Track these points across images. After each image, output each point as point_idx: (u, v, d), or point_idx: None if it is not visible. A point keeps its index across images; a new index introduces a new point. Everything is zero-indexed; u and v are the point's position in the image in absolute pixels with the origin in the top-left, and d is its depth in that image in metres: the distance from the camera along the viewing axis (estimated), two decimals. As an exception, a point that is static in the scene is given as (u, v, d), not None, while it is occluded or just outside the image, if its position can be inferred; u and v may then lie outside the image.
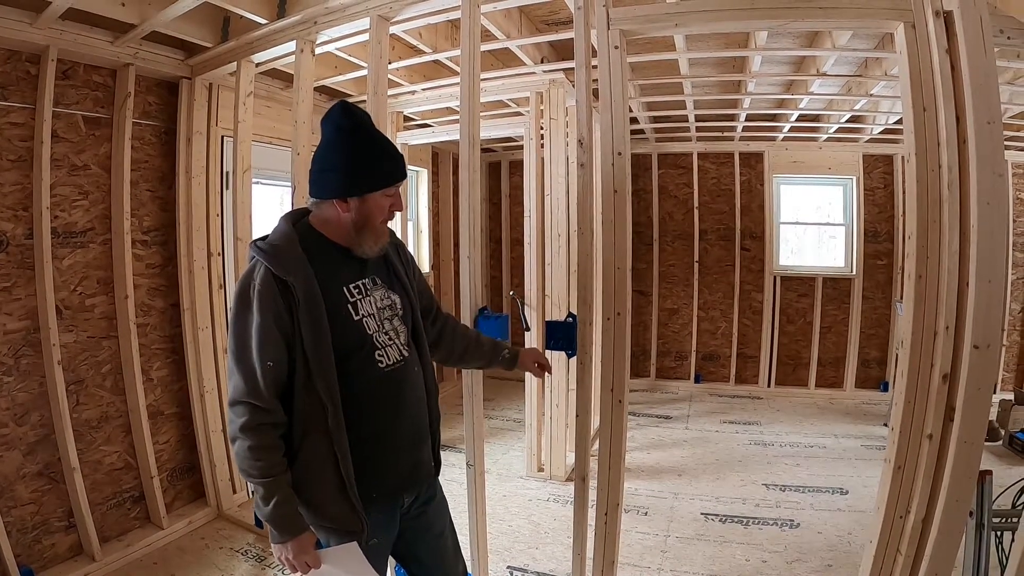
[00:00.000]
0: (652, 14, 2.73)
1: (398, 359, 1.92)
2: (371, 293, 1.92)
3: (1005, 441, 5.43)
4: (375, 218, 1.86)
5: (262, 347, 1.70)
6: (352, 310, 1.85)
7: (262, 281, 1.72)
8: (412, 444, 1.98)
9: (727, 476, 4.98)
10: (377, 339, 1.88)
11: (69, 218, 3.49)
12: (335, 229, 1.88)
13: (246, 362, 1.71)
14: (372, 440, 1.85)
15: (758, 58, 4.34)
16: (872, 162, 7.18)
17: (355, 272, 1.91)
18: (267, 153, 4.47)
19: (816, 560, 3.65)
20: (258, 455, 1.69)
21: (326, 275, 1.81)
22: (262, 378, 1.69)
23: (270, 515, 1.70)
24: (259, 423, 1.70)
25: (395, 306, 1.97)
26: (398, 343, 1.94)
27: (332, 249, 1.88)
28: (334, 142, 1.83)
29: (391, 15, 3.03)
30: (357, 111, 1.88)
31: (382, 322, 1.91)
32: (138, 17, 3.29)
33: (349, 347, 1.81)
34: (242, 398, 1.70)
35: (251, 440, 1.69)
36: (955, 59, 2.35)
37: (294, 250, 1.78)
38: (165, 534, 3.81)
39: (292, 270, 1.73)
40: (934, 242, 2.44)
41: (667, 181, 7.73)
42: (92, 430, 3.60)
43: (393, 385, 1.90)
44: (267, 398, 1.71)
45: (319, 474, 1.78)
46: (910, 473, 2.53)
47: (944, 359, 2.41)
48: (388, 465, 1.90)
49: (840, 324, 7.33)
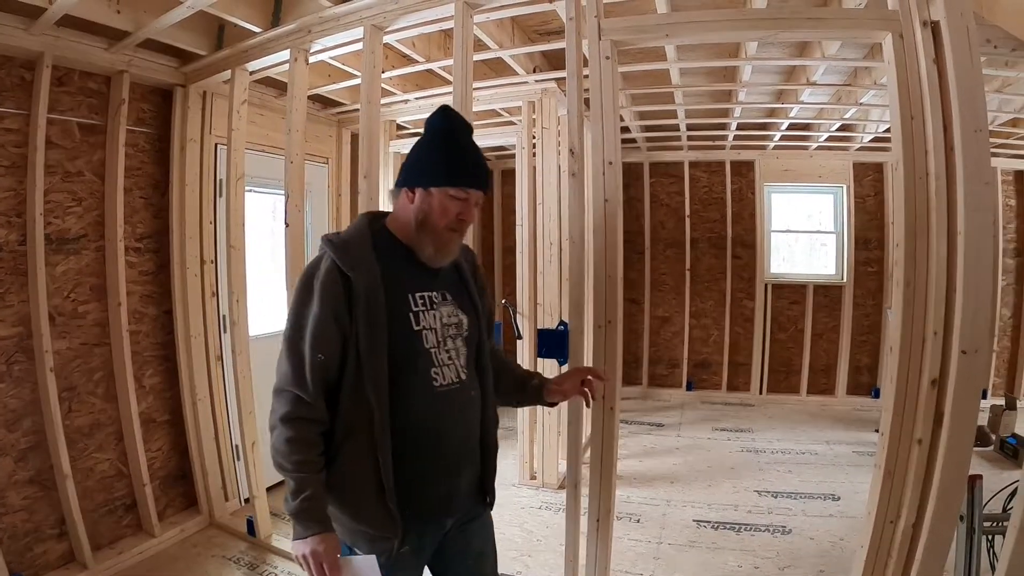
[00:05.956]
0: (643, 25, 2.76)
1: (454, 380, 1.82)
2: (438, 307, 1.84)
3: (996, 446, 5.47)
4: (436, 218, 1.78)
5: (316, 339, 1.66)
6: (413, 319, 1.77)
7: (326, 273, 1.68)
8: (453, 471, 1.85)
9: (719, 483, 4.99)
10: (436, 356, 1.79)
11: (62, 224, 3.49)
12: (402, 225, 1.84)
13: (298, 352, 1.67)
14: (411, 457, 1.74)
15: (748, 68, 4.38)
16: (862, 170, 7.24)
17: (424, 282, 1.84)
18: (261, 161, 4.48)
19: (808, 566, 3.67)
20: (295, 448, 1.64)
21: (392, 277, 1.75)
22: (310, 371, 1.65)
23: (296, 508, 1.63)
24: (300, 416, 1.66)
25: (462, 325, 1.88)
26: (457, 364, 1.84)
27: (401, 251, 1.83)
28: (423, 139, 1.85)
29: (385, 24, 3.06)
30: (455, 116, 1.89)
31: (444, 339, 1.82)
32: (133, 25, 3.29)
33: (402, 356, 1.73)
34: (287, 387, 1.67)
35: (289, 431, 1.64)
36: (942, 68, 2.37)
37: (364, 247, 1.74)
38: (157, 542, 3.79)
39: (357, 266, 1.69)
40: (922, 249, 2.46)
41: (659, 190, 7.77)
42: (84, 437, 3.59)
43: (445, 405, 1.80)
44: (312, 392, 1.66)
45: (358, 477, 1.71)
46: (900, 478, 2.54)
47: (933, 364, 2.43)
48: (424, 485, 1.79)
49: (831, 331, 7.36)
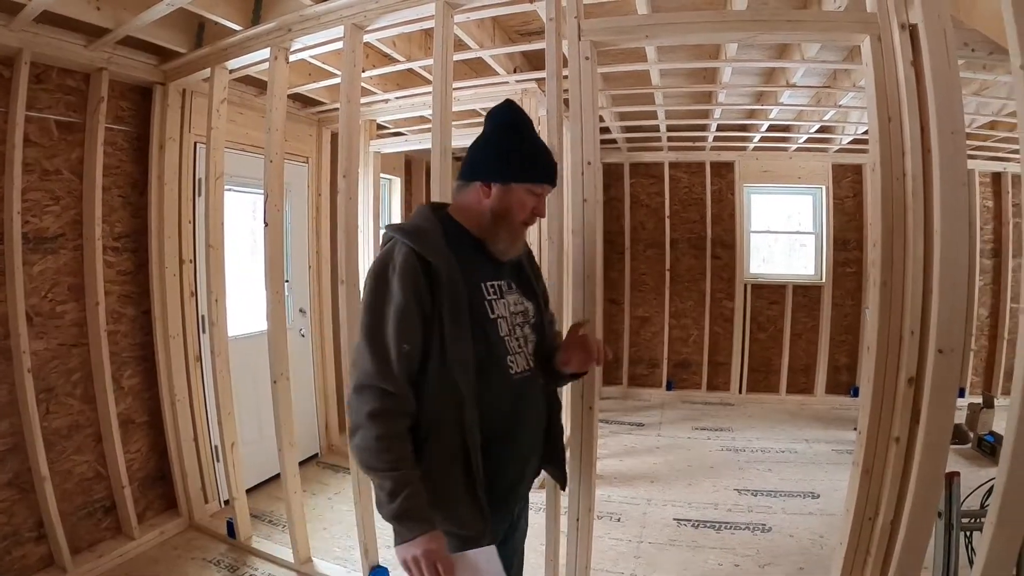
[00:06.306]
0: (623, 26, 2.78)
1: (526, 368, 1.83)
2: (506, 295, 1.84)
3: (974, 444, 5.55)
4: (515, 213, 1.79)
5: (399, 329, 1.60)
6: (488, 307, 1.77)
7: (404, 260, 1.63)
8: (527, 456, 1.89)
9: (700, 482, 5.01)
10: (508, 343, 1.79)
11: (40, 224, 3.45)
12: (472, 217, 1.82)
13: (379, 344, 1.61)
14: (491, 445, 1.72)
15: (728, 69, 4.40)
16: (841, 171, 7.30)
17: (493, 271, 1.84)
18: (240, 160, 4.44)
19: (788, 563, 3.69)
20: (387, 445, 1.56)
21: (464, 266, 1.71)
22: (396, 362, 1.60)
23: (398, 510, 1.54)
24: (388, 409, 1.59)
25: (527, 313, 1.90)
26: (526, 352, 1.85)
27: (469, 241, 1.81)
28: (494, 131, 1.83)
29: (365, 24, 3.05)
30: (522, 111, 1.88)
31: (513, 327, 1.82)
32: (113, 21, 3.26)
33: (482, 344, 1.71)
34: (371, 382, 1.59)
35: (379, 428, 1.57)
36: (920, 71, 2.40)
37: (438, 234, 1.72)
38: (136, 544, 3.75)
39: (435, 252, 1.65)
40: (899, 249, 2.48)
41: (639, 190, 7.79)
42: (62, 439, 3.55)
43: (519, 393, 1.81)
44: (400, 383, 1.60)
45: (446, 471, 1.66)
46: (878, 476, 2.57)
47: (910, 363, 2.46)
48: (503, 474, 1.80)
49: (810, 331, 7.42)
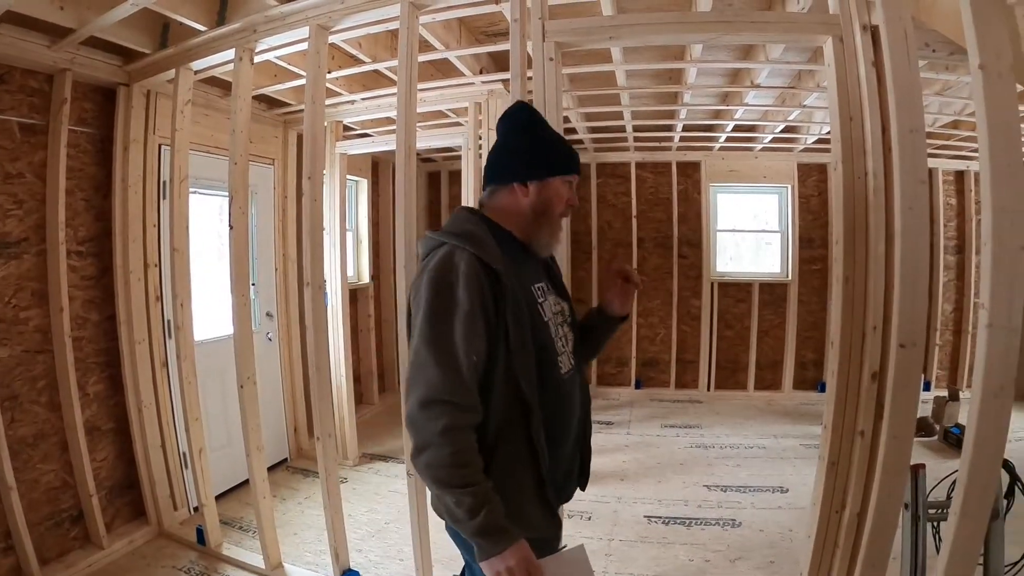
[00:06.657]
0: (588, 27, 2.80)
1: (570, 367, 1.81)
2: (547, 296, 1.81)
3: (940, 436, 5.69)
4: (555, 206, 1.77)
5: (468, 339, 1.53)
6: (542, 310, 1.75)
7: (468, 267, 1.55)
8: (574, 454, 1.87)
9: (669, 479, 5.06)
10: (557, 345, 1.77)
11: (3, 228, 3.38)
12: (513, 219, 1.78)
13: (447, 355, 1.53)
14: (551, 445, 1.71)
15: (694, 70, 4.45)
16: (806, 171, 7.43)
17: (536, 274, 1.82)
18: (205, 162, 4.40)
19: (758, 557, 3.74)
20: (461, 459, 1.50)
21: (515, 270, 1.68)
22: (467, 373, 1.53)
23: (482, 526, 1.48)
24: (460, 425, 1.52)
25: (565, 312, 1.88)
26: (568, 351, 1.83)
27: (516, 243, 1.78)
28: (514, 131, 1.82)
29: (330, 24, 3.05)
30: (535, 109, 1.92)
31: (557, 327, 1.80)
32: (76, 21, 3.21)
33: (541, 348, 1.68)
34: (441, 396, 1.51)
35: (454, 444, 1.49)
36: (881, 71, 2.46)
37: (491, 240, 1.65)
38: (106, 554, 3.70)
39: (497, 258, 1.60)
40: (860, 246, 2.54)
41: (606, 190, 7.84)
42: (28, 448, 3.48)
43: (568, 391, 1.79)
44: (472, 395, 1.55)
45: (516, 477, 1.63)
46: (844, 469, 2.62)
47: (873, 358, 2.51)
48: (559, 472, 1.79)
49: (777, 328, 7.53)
